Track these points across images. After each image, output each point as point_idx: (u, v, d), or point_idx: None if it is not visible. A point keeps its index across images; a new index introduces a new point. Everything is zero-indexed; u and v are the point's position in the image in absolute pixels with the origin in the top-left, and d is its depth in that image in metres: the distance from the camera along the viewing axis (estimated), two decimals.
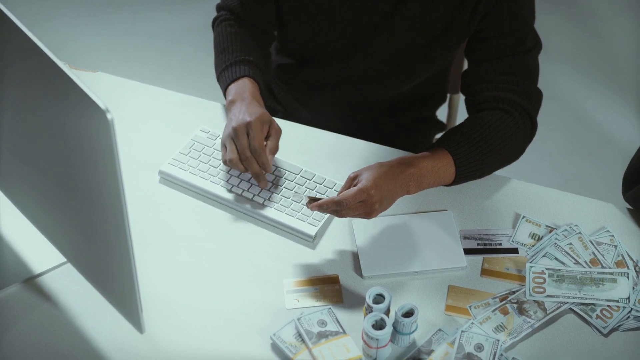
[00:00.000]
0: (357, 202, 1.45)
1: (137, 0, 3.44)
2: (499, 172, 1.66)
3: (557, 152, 2.96)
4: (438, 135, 2.05)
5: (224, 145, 1.58)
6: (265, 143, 1.57)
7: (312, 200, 1.48)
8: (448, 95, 2.04)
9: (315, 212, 1.56)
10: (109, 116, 1.04)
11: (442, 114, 2.06)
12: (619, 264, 1.51)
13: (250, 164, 1.55)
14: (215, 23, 1.81)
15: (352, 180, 1.49)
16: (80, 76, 1.80)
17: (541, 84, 1.69)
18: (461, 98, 2.06)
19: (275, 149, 1.58)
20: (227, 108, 1.63)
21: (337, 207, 1.45)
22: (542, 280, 1.47)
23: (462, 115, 1.81)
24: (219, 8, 1.82)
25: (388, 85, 1.81)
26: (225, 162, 1.57)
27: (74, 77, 1.07)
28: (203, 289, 1.48)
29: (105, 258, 1.26)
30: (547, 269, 1.48)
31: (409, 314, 1.38)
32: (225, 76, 1.69)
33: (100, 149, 1.08)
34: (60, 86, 1.10)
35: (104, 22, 3.35)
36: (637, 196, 1.58)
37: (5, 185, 1.47)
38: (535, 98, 1.66)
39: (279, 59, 1.89)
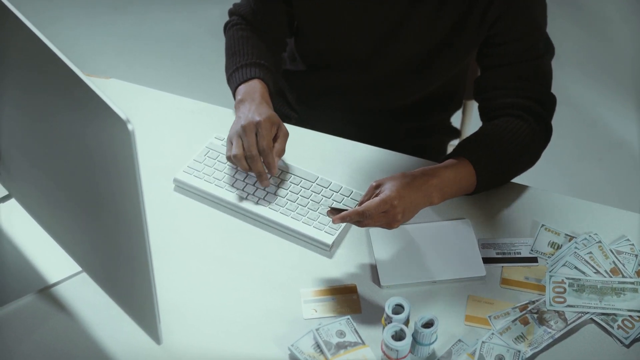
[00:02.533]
0: (379, 212, 1.43)
1: (142, 2, 3.43)
2: (517, 180, 1.64)
3: (567, 157, 2.95)
4: (453, 142, 2.04)
5: (230, 142, 1.57)
6: (272, 145, 1.56)
7: (334, 211, 1.46)
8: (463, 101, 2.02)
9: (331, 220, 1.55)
10: (129, 127, 1.03)
11: (455, 120, 2.04)
12: (639, 273, 1.49)
13: (255, 163, 1.54)
14: (227, 27, 1.81)
15: (374, 189, 1.48)
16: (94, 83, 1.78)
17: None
18: (475, 104, 2.04)
19: (282, 152, 1.58)
20: (236, 107, 1.63)
21: (359, 218, 1.43)
22: (562, 290, 1.45)
23: (476, 121, 1.80)
24: (230, 13, 1.82)
25: (401, 91, 1.79)
26: (229, 158, 1.57)
27: (94, 87, 1.06)
28: (219, 298, 1.47)
29: (123, 268, 1.25)
30: (567, 278, 1.47)
31: (428, 324, 1.36)
32: (235, 77, 1.69)
33: (120, 159, 1.07)
34: (79, 95, 1.08)
35: (109, 24, 3.34)
36: None
37: (21, 195, 1.46)
38: (549, 103, 1.65)
39: (292, 66, 1.88)
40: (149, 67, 3.19)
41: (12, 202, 1.52)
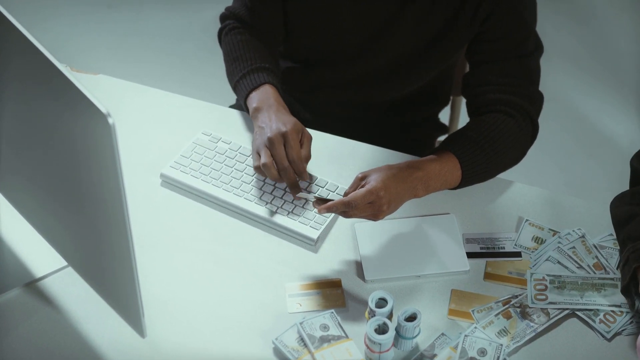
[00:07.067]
0: (365, 202, 1.44)
1: (135, 1, 3.44)
2: (502, 175, 1.65)
3: (557, 153, 2.96)
4: (441, 138, 2.05)
5: (257, 153, 1.55)
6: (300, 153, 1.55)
7: (319, 201, 1.47)
8: (451, 97, 2.03)
9: (317, 215, 1.55)
10: (110, 120, 1.03)
11: (444, 116, 2.05)
12: None
13: (288, 174, 1.53)
14: (223, 33, 1.78)
15: (360, 181, 1.48)
16: (82, 79, 1.79)
17: (541, 85, 1.68)
18: (463, 100, 2.05)
19: (308, 157, 1.56)
20: (253, 116, 1.61)
21: (345, 209, 1.44)
22: (543, 287, 1.46)
23: (464, 117, 1.81)
24: (224, 17, 1.79)
25: (391, 86, 1.80)
26: (257, 168, 1.54)
27: (75, 80, 1.06)
28: (204, 293, 1.47)
29: (107, 262, 1.26)
30: (548, 275, 1.48)
31: (411, 318, 1.37)
32: (243, 84, 1.66)
33: (101, 153, 1.08)
34: (61, 89, 1.09)
35: (103, 22, 3.35)
36: None
37: (6, 189, 1.46)
38: (537, 101, 1.66)
39: (282, 62, 1.88)
40: (141, 64, 3.20)
41: None
